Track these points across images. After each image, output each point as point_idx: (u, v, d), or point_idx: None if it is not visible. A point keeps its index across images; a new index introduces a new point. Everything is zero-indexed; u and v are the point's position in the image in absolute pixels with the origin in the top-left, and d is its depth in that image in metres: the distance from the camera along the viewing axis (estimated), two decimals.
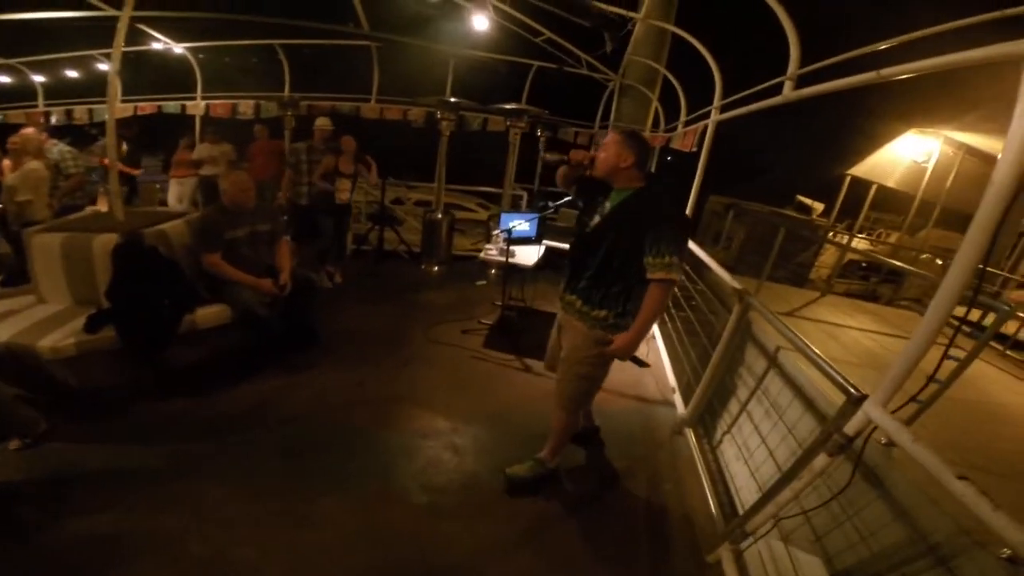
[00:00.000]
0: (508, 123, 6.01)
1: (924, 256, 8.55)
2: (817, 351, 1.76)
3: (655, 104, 6.28)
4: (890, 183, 8.44)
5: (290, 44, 6.89)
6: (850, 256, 6.73)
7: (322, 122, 4.96)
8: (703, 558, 2.07)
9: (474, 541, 2.10)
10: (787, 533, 1.80)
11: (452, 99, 5.75)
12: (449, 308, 4.61)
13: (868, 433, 1.35)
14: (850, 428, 1.35)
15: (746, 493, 2.25)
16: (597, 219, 2.04)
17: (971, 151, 7.59)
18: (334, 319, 3.98)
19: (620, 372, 3.60)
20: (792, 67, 2.43)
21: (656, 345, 4.12)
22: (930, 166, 7.83)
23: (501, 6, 5.10)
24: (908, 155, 8.03)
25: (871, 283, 8.43)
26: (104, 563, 1.81)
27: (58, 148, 4.61)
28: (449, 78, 6.89)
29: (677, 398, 3.26)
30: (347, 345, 3.64)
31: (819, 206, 11.66)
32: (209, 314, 3.00)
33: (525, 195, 7.68)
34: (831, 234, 8.04)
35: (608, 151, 1.98)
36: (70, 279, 2.96)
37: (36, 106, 7.73)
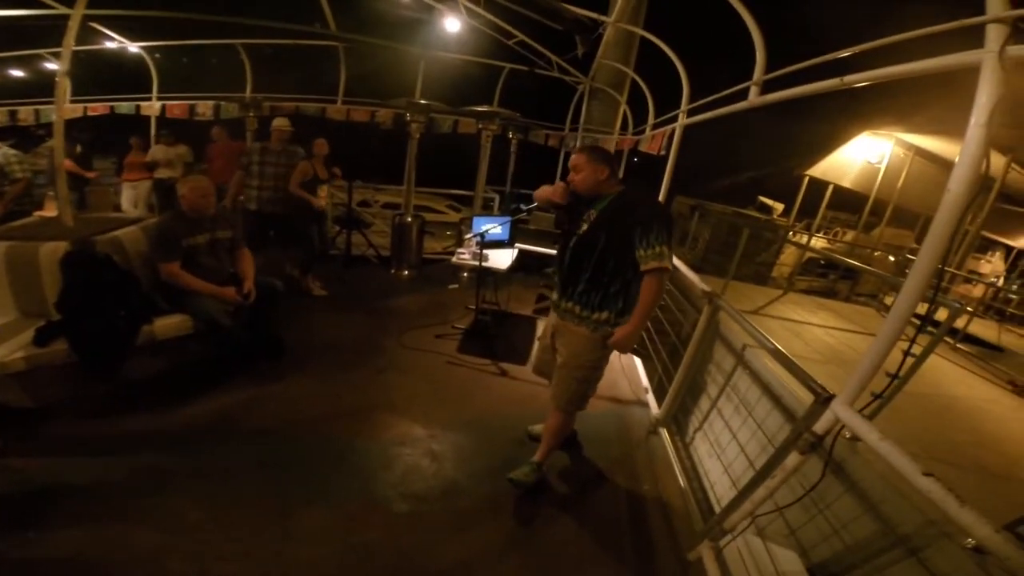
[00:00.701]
0: (480, 125, 5.99)
1: (877, 253, 8.96)
2: (785, 352, 1.81)
3: (623, 107, 6.36)
4: (845, 183, 8.82)
5: (252, 44, 6.68)
6: (809, 254, 6.98)
7: (280, 122, 4.65)
8: (684, 556, 2.10)
9: (457, 548, 2.08)
10: (763, 528, 1.85)
11: (422, 101, 5.68)
12: (422, 313, 4.55)
13: (836, 431, 1.39)
14: (819, 427, 1.39)
15: (720, 489, 2.30)
16: (585, 227, 2.12)
17: (920, 152, 7.98)
18: (302, 327, 3.87)
19: None
20: (758, 72, 2.49)
21: None
22: (883, 167, 8.21)
23: (474, 8, 5.07)
24: (862, 156, 8.39)
25: (829, 280, 8.78)
26: None
27: (2, 151, 4.33)
28: (419, 79, 6.82)
29: (650, 398, 3.31)
30: (317, 354, 3.54)
31: (779, 206, 12.09)
32: (169, 325, 2.86)
33: (497, 197, 7.67)
34: (791, 234, 8.33)
35: (584, 171, 2.11)
36: (15, 290, 2.77)
37: None
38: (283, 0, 5.95)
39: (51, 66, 6.88)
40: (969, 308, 5.04)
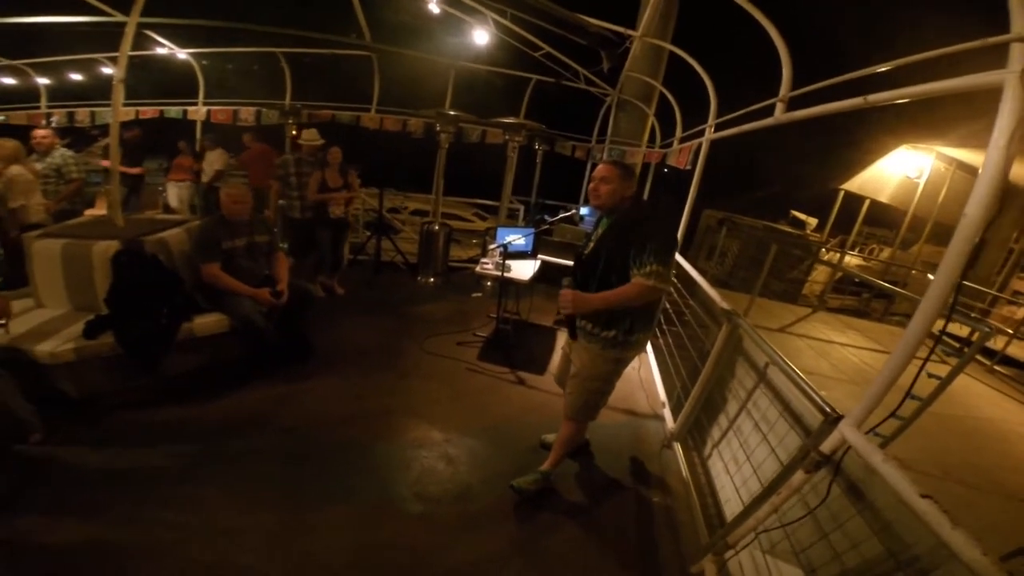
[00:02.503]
0: (506, 136, 6.08)
1: (915, 272, 8.66)
2: (797, 371, 1.81)
3: (651, 120, 6.36)
4: (883, 198, 8.57)
5: (292, 52, 6.95)
6: (842, 272, 6.81)
7: (309, 135, 4.78)
8: (688, 569, 2.11)
9: (467, 551, 2.13)
10: (772, 545, 1.84)
11: (451, 112, 5.82)
12: (445, 320, 4.65)
13: (843, 451, 1.39)
14: (826, 447, 1.40)
15: (732, 507, 2.28)
16: (592, 244, 2.17)
17: (962, 166, 7.72)
18: (331, 330, 4.01)
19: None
20: (784, 89, 2.49)
21: (648, 360, 4.16)
22: (922, 181, 7.96)
23: (502, 20, 5.18)
24: (900, 170, 8.16)
25: (863, 299, 8.52)
26: (105, 566, 1.85)
27: (60, 152, 4.64)
28: (449, 90, 6.96)
29: (667, 412, 3.30)
30: (343, 356, 3.67)
31: (813, 221, 11.81)
32: (207, 323, 3.02)
33: (522, 208, 7.74)
34: (823, 251, 8.12)
35: (613, 184, 2.11)
36: (69, 285, 2.96)
37: (39, 107, 7.77)
38: (321, 11, 6.18)
39: (106, 70, 7.30)
40: (1009, 330, 4.84)
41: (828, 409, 1.49)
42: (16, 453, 2.34)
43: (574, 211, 6.40)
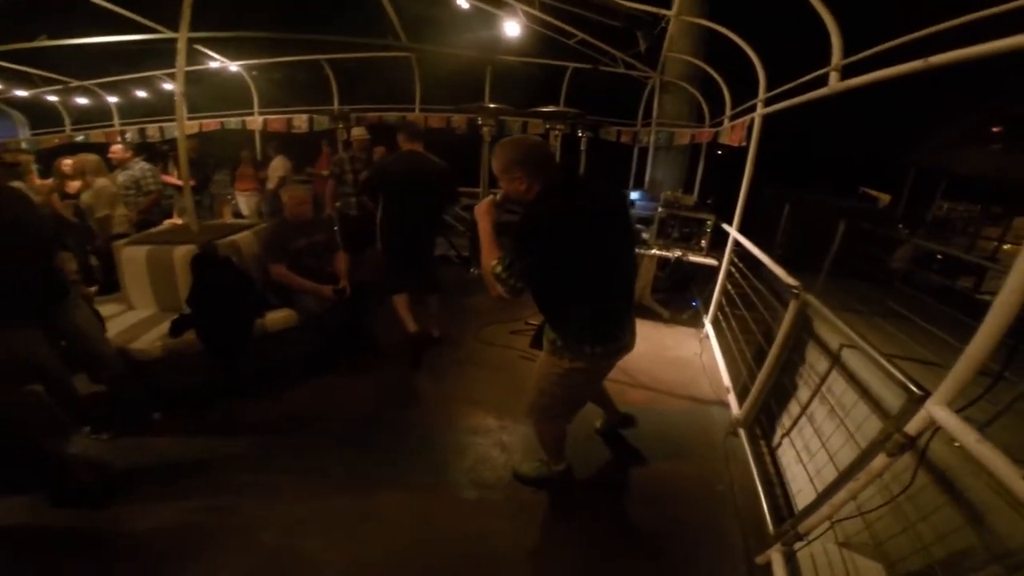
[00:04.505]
0: (547, 126, 6.03)
1: (1007, 246, 7.88)
2: (875, 348, 1.70)
3: (699, 99, 6.13)
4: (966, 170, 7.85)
5: (335, 59, 7.19)
6: (925, 248, 6.28)
7: (358, 132, 5.20)
8: (753, 560, 2.03)
9: (520, 537, 2.16)
10: (847, 536, 1.75)
11: (492, 105, 5.83)
12: (497, 310, 4.68)
13: (931, 433, 1.29)
14: (911, 427, 1.30)
15: (803, 497, 2.19)
16: None
17: None
18: (388, 323, 4.12)
19: (673, 373, 3.58)
20: (836, 57, 2.34)
21: (711, 345, 4.03)
22: None
23: (531, 11, 5.11)
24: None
25: (946, 277, 7.82)
26: (185, 549, 1.98)
27: (139, 166, 5.00)
28: (487, 84, 6.99)
29: (732, 399, 3.18)
30: (402, 347, 3.76)
31: (885, 197, 11.00)
32: (277, 318, 3.19)
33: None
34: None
35: (508, 180, 1.87)
36: (155, 287, 3.20)
37: (112, 125, 8.42)
38: (357, 17, 6.33)
39: (167, 86, 7.75)
40: None
41: (913, 387, 1.38)
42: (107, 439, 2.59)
43: (628, 197, 6.25)
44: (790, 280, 2.51)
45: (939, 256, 7.32)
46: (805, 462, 2.28)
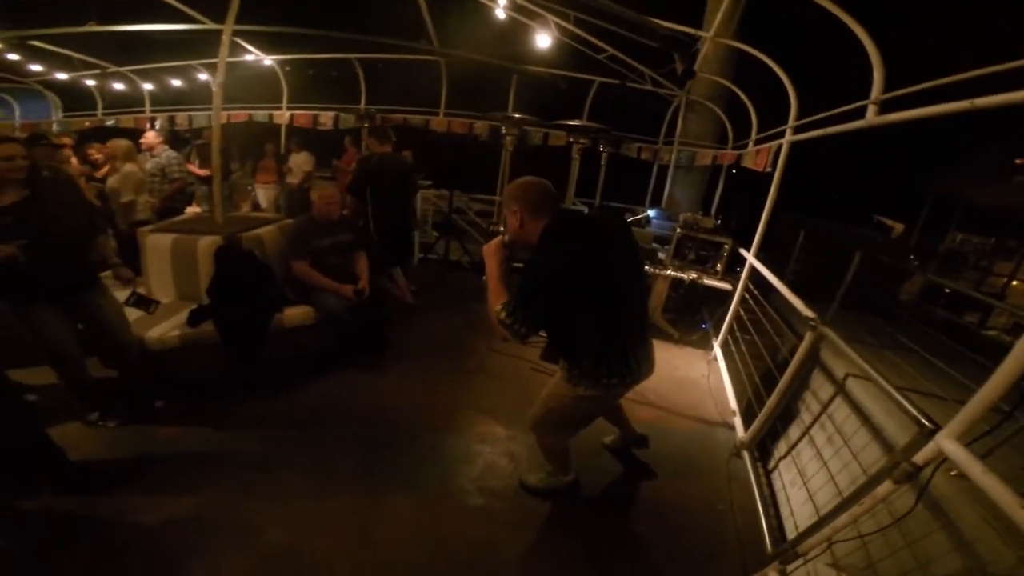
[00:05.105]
0: (570, 139, 6.08)
1: (1015, 283, 7.83)
2: (887, 382, 1.76)
3: (724, 120, 6.17)
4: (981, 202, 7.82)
5: (367, 58, 7.30)
6: (933, 282, 6.27)
7: None
8: None
9: (524, 546, 2.20)
10: (837, 559, 1.80)
11: (516, 115, 5.88)
12: None
13: (938, 464, 1.35)
14: (919, 458, 1.37)
15: (801, 519, 2.24)
16: None
17: None
18: (403, 325, 4.20)
19: (680, 393, 3.62)
20: (876, 91, 2.37)
21: (718, 368, 4.05)
22: None
23: (564, 24, 5.18)
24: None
25: (955, 314, 7.77)
26: (190, 543, 1.99)
27: (166, 154, 5.11)
28: (512, 94, 7.06)
29: (737, 421, 3.22)
30: (416, 352, 3.84)
31: (899, 226, 10.93)
32: (295, 315, 3.24)
33: (585, 210, 7.68)
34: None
35: (514, 222, 1.91)
36: (177, 276, 3.25)
37: (144, 111, 8.59)
38: (391, 18, 6.43)
39: (201, 76, 7.93)
40: None
41: (925, 420, 1.46)
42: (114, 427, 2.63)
43: (645, 214, 6.28)
44: (807, 312, 2.55)
45: (947, 290, 7.28)
46: (802, 484, 2.34)
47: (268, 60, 7.30)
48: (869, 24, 2.45)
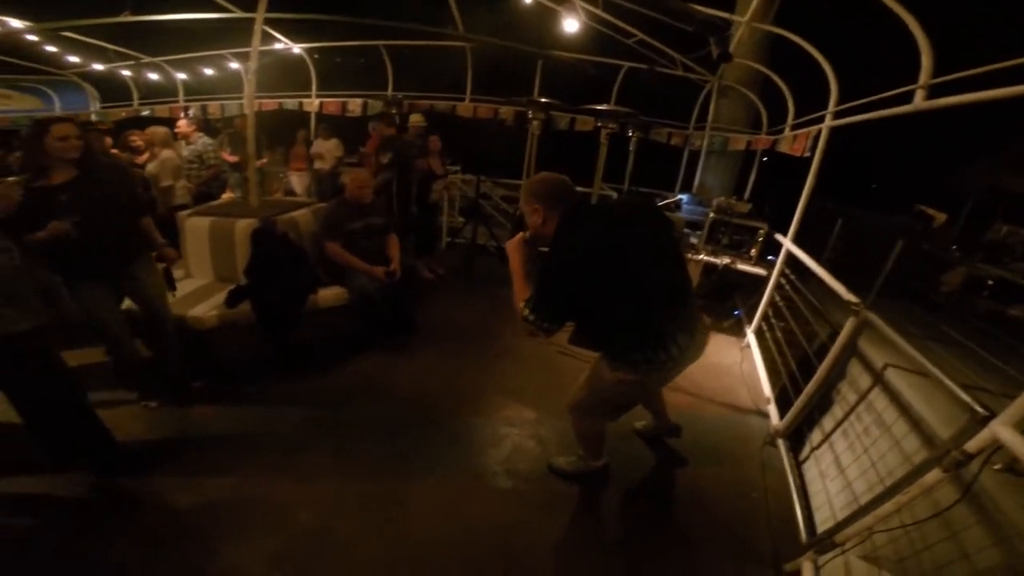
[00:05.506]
0: (598, 123, 5.99)
1: None
2: (938, 371, 1.71)
3: (759, 105, 5.99)
4: None
5: (393, 45, 7.31)
6: (977, 272, 6.03)
7: (416, 119, 5.30)
8: (781, 567, 2.05)
9: (551, 530, 2.19)
10: (874, 550, 1.77)
11: (542, 99, 5.81)
12: None
13: (990, 452, 1.33)
14: (972, 446, 1.33)
15: (836, 509, 2.20)
16: None
17: None
18: (431, 309, 4.25)
19: (712, 380, 3.58)
20: (924, 76, 2.26)
21: (751, 354, 3.98)
22: None
23: (592, 9, 5.08)
24: None
25: (1002, 305, 7.46)
26: (224, 525, 2.04)
27: (202, 140, 5.24)
28: (537, 79, 7.00)
29: (772, 409, 3.16)
30: (443, 334, 3.88)
31: (941, 216, 10.51)
32: (328, 296, 3.31)
33: (614, 196, 7.60)
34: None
35: (533, 219, 1.93)
36: (215, 257, 3.35)
37: (178, 101, 8.79)
38: (417, 4, 6.42)
39: (233, 65, 8.07)
40: None
41: (979, 407, 1.42)
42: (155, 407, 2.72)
43: (678, 198, 6.16)
44: (850, 296, 2.47)
45: (990, 282, 6.98)
46: (834, 476, 2.31)
47: (297, 48, 7.38)
48: (916, 7, 2.33)
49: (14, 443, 2.20)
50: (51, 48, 7.53)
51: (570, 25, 5.12)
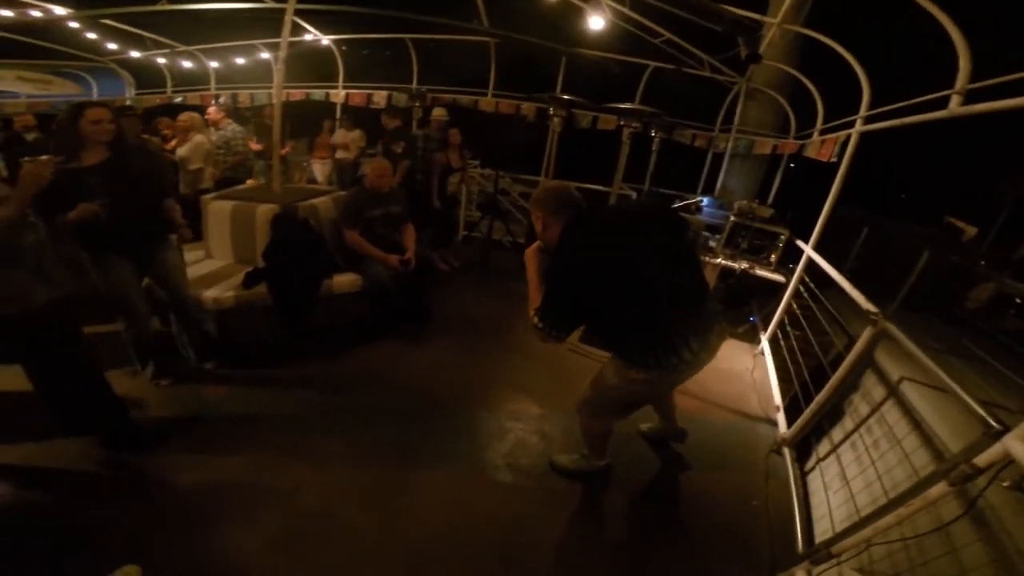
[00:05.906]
0: (620, 122, 5.94)
1: None
2: (956, 385, 1.68)
3: (787, 109, 5.88)
4: None
5: (419, 38, 7.37)
6: (1006, 289, 5.82)
7: (439, 112, 5.38)
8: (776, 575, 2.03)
9: (551, 527, 2.20)
10: (869, 564, 1.75)
11: (565, 96, 5.79)
12: None
13: (1000, 467, 1.29)
14: (982, 459, 1.30)
15: (837, 520, 2.16)
16: None
17: None
18: (445, 300, 4.29)
19: (722, 385, 3.54)
20: (961, 80, 2.17)
21: (764, 361, 3.93)
22: None
23: (618, 7, 5.03)
24: None
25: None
26: (227, 504, 2.07)
27: (231, 128, 5.36)
28: (560, 77, 6.96)
29: (780, 417, 3.12)
30: (456, 326, 3.92)
31: (972, 230, 10.16)
32: (343, 282, 3.37)
33: (634, 196, 7.53)
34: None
35: (539, 225, 1.98)
36: (235, 240, 3.44)
37: (209, 89, 9.00)
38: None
39: (263, 55, 8.22)
40: None
41: (992, 421, 1.38)
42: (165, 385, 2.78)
43: (698, 200, 6.09)
44: (869, 306, 2.42)
45: (1019, 300, 6.74)
46: (838, 488, 2.27)
47: (325, 40, 7.47)
48: (953, 11, 2.25)
49: (24, 413, 2.28)
50: (91, 35, 7.76)
51: (595, 23, 5.09)
